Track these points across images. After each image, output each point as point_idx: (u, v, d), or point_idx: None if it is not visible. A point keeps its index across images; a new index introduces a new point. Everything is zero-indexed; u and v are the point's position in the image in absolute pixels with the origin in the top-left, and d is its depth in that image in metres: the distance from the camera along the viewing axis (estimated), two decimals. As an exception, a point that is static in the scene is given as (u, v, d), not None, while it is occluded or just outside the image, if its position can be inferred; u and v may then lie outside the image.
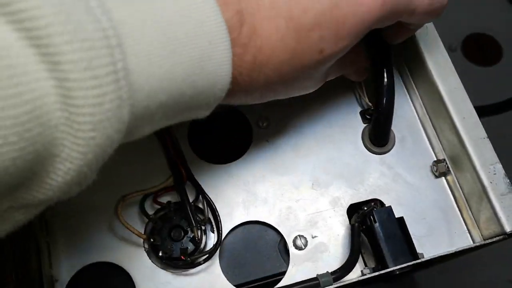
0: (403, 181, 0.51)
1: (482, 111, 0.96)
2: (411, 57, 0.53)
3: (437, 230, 0.49)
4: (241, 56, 0.34)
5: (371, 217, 0.46)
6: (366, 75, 0.50)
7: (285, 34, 0.35)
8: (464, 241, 0.49)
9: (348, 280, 0.45)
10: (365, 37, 0.48)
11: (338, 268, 0.45)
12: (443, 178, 0.51)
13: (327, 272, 0.45)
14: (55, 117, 0.23)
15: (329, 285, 0.44)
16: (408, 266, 0.44)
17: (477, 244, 0.47)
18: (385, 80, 0.49)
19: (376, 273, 0.43)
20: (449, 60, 0.50)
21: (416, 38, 0.51)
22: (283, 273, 0.48)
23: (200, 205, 0.49)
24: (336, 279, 0.44)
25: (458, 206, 0.50)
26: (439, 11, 0.44)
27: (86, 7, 0.24)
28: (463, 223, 0.50)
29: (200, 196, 0.48)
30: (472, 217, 0.49)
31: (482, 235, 0.48)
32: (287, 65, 0.37)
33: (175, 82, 0.29)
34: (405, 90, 0.55)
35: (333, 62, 0.41)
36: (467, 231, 0.49)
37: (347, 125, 0.53)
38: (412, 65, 0.54)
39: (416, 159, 0.52)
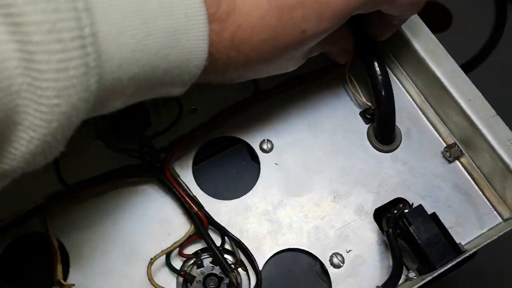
0: (420, 174, 0.50)
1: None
2: (396, 45, 0.52)
3: (465, 215, 0.49)
4: (219, 33, 0.33)
5: (404, 220, 0.45)
6: (351, 56, 0.48)
7: (267, 12, 0.34)
8: (493, 220, 0.49)
9: (399, 289, 0.43)
10: (352, 31, 0.47)
11: (388, 280, 0.43)
12: (457, 161, 0.50)
13: (377, 286, 0.43)
14: (17, 83, 0.22)
15: (383, 301, 0.42)
16: (456, 263, 0.43)
17: (510, 218, 0.47)
18: (380, 76, 0.48)
19: (428, 278, 0.42)
20: (439, 43, 0.49)
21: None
22: (328, 296, 0.46)
23: (228, 246, 0.46)
24: (386, 292, 0.42)
25: (479, 186, 0.49)
26: (421, 2, 0.43)
27: None
28: (488, 202, 0.49)
29: (226, 237, 0.46)
30: (496, 194, 0.48)
31: (511, 210, 0.47)
32: (267, 44, 0.35)
33: (148, 54, 0.28)
34: (396, 81, 0.54)
35: (316, 43, 0.39)
36: (493, 209, 0.49)
37: (350, 130, 0.51)
38: (399, 53, 0.52)
39: (426, 148, 0.51)
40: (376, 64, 0.48)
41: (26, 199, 0.46)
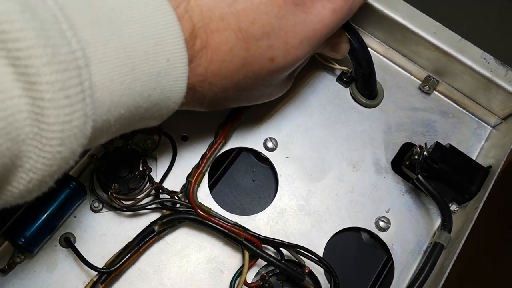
0: (410, 114, 0.52)
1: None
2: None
3: (462, 136, 0.52)
4: (194, 70, 0.35)
5: (429, 161, 0.46)
6: (347, 49, 0.47)
7: (235, 45, 0.36)
8: (484, 131, 0.52)
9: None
10: None
11: (444, 221, 0.44)
12: (435, 92, 0.53)
13: (439, 230, 0.44)
14: (23, 132, 0.24)
15: (449, 239, 0.43)
16: (485, 181, 0.46)
17: (499, 123, 0.51)
18: (353, 37, 0.47)
19: (481, 203, 0.44)
20: (386, -10, 0.50)
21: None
22: (390, 258, 0.46)
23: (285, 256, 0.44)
24: (449, 231, 0.44)
25: (462, 106, 0.52)
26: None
27: (59, 29, 0.25)
28: (474, 117, 0.52)
29: (281, 249, 0.43)
30: (481, 107, 0.51)
31: (498, 116, 0.51)
32: (238, 73, 0.37)
33: (133, 97, 0.30)
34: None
35: (292, 69, 0.41)
36: (481, 121, 0.52)
37: (335, 98, 0.52)
38: None
39: (405, 89, 0.53)
40: (345, 26, 0.47)
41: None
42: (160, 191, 0.43)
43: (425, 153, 0.47)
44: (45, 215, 0.41)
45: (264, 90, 0.42)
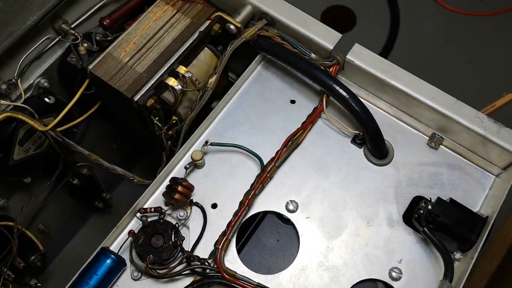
0: (419, 169, 0.59)
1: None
2: (355, 74, 0.59)
3: (468, 186, 0.58)
4: None
5: (432, 215, 0.51)
6: None
7: None
8: (488, 179, 0.58)
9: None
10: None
11: (446, 271, 0.51)
12: (442, 146, 0.59)
13: (441, 280, 0.50)
14: None
15: (452, 288, 0.49)
16: (482, 231, 0.51)
17: (500, 172, 0.57)
18: (357, 106, 0.55)
19: (476, 253, 0.49)
20: (389, 61, 0.57)
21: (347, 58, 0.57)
22: (403, 306, 0.52)
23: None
24: (450, 280, 0.49)
25: (467, 159, 0.59)
26: None
27: None
28: (479, 168, 0.59)
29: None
30: (483, 159, 0.58)
31: (499, 167, 0.58)
32: None
33: None
34: (366, 102, 0.61)
35: None
36: (484, 171, 0.59)
37: (350, 159, 0.60)
38: (359, 80, 0.61)
39: (414, 146, 0.60)
40: (349, 97, 0.54)
41: None
42: (191, 258, 0.50)
43: (429, 207, 0.52)
44: (88, 289, 0.49)
45: None
